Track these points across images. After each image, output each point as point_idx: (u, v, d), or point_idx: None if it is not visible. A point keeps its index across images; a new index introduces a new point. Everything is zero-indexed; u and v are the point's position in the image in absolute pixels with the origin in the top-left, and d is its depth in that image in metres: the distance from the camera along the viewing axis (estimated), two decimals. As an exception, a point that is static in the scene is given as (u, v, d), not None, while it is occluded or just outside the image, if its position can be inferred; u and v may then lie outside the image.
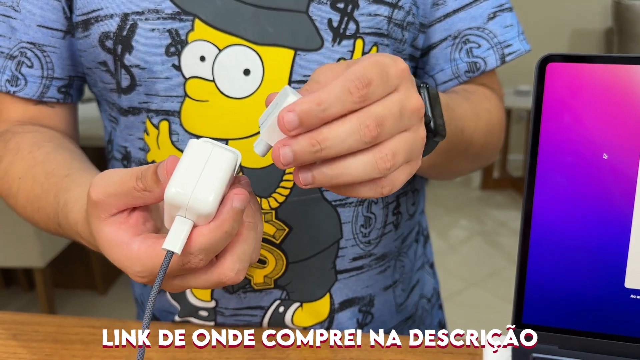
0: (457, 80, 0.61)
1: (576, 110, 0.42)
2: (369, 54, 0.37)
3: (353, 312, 0.61)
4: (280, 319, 0.60)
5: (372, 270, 0.61)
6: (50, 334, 0.58)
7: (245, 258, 0.38)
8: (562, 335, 0.45)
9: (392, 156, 0.34)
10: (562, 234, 0.44)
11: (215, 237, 0.36)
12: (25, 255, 1.77)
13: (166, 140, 0.56)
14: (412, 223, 0.66)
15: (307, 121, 0.33)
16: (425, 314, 0.70)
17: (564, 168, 0.43)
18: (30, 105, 0.60)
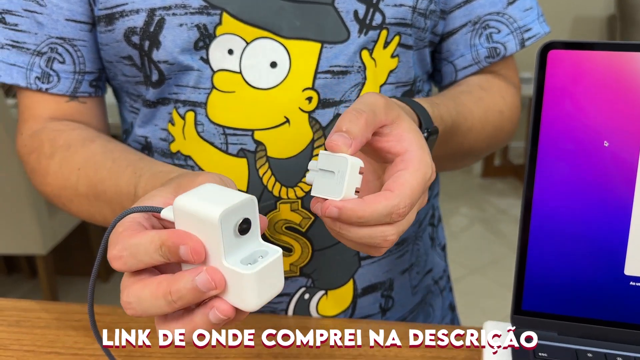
0: (477, 65, 0.62)
1: (577, 97, 0.42)
2: (416, 147, 0.40)
3: (375, 297, 0.62)
4: (305, 306, 0.60)
5: (392, 256, 0.62)
6: (53, 321, 0.59)
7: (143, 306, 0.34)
8: (561, 322, 0.45)
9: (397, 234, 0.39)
10: (562, 221, 0.44)
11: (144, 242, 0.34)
12: (26, 243, 1.77)
13: (192, 131, 0.56)
14: (427, 207, 0.67)
15: (344, 220, 0.38)
16: (432, 296, 0.71)
17: (565, 155, 0.43)
18: (62, 102, 0.60)
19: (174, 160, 0.57)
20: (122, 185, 0.49)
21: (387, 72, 0.57)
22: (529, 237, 0.45)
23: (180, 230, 0.34)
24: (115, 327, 0.57)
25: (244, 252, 0.35)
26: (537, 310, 0.46)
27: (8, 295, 2.23)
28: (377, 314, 0.62)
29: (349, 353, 0.53)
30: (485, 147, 0.62)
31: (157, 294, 0.34)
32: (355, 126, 0.38)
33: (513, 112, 0.63)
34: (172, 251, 0.34)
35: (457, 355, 0.52)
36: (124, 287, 0.35)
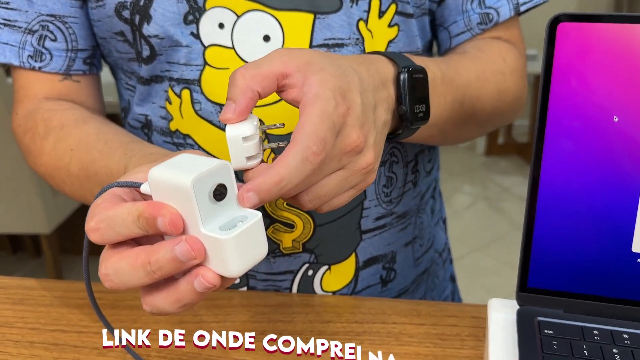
0: (469, 32, 0.60)
1: (587, 71, 0.41)
2: (317, 85, 0.37)
3: (376, 268, 0.61)
4: (309, 283, 0.60)
5: (393, 228, 0.62)
6: (57, 299, 0.59)
7: (121, 278, 0.34)
8: (567, 299, 0.45)
9: (319, 151, 0.36)
10: (569, 197, 0.43)
11: (121, 214, 0.34)
12: (31, 222, 1.78)
13: (189, 109, 0.55)
14: (429, 180, 0.66)
15: (268, 199, 0.35)
16: (437, 267, 0.71)
17: (573, 130, 0.42)
18: (56, 81, 0.59)
19: (173, 139, 0.57)
20: (113, 166, 0.49)
21: (385, 43, 0.55)
22: (535, 213, 0.44)
23: (157, 202, 0.34)
24: (120, 304, 0.58)
25: (222, 219, 0.34)
26: (543, 287, 0.45)
27: (13, 273, 2.25)
28: (377, 284, 0.62)
29: (353, 330, 0.53)
30: (491, 110, 0.59)
31: (135, 265, 0.33)
32: (234, 88, 0.37)
33: (516, 75, 0.60)
34: (149, 223, 0.33)
35: (461, 332, 0.52)
36: (102, 260, 0.35)
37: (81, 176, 0.53)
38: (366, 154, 0.39)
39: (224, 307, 0.57)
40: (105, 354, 0.51)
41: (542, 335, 0.42)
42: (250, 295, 0.59)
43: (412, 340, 0.52)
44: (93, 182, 0.52)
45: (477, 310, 0.55)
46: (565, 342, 0.42)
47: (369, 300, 0.58)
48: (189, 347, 0.52)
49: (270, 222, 0.57)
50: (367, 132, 0.39)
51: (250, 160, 0.37)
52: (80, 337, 0.53)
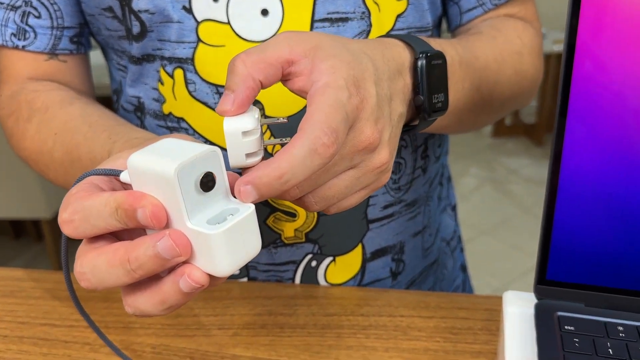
0: (481, 8, 0.56)
1: (614, 42, 0.38)
2: (329, 73, 0.33)
3: (385, 261, 0.58)
4: (313, 274, 0.57)
5: (402, 217, 0.58)
6: (49, 291, 0.56)
7: (98, 276, 0.31)
8: (589, 292, 0.42)
9: (332, 144, 0.32)
10: (592, 185, 0.40)
11: (98, 205, 0.31)
12: (31, 207, 1.76)
13: (182, 90, 0.51)
14: (438, 165, 0.63)
15: (267, 195, 0.31)
16: (445, 257, 0.68)
17: (599, 109, 0.39)
18: (41, 60, 0.56)
19: (167, 123, 0.54)
20: (97, 151, 0.46)
21: (394, 17, 0.51)
22: (555, 201, 0.41)
23: (137, 192, 0.30)
24: (112, 297, 0.55)
25: (211, 212, 0.31)
26: (563, 280, 0.42)
27: (15, 259, 2.24)
28: (387, 278, 0.59)
29: (359, 324, 0.50)
30: (509, 94, 0.55)
31: (113, 262, 0.30)
32: (234, 76, 0.33)
33: (533, 55, 0.57)
34: (128, 215, 0.30)
35: (473, 326, 0.49)
36: (77, 256, 0.32)
37: (65, 161, 0.50)
38: (381, 151, 0.36)
39: (223, 299, 0.54)
40: (97, 350, 0.48)
41: (563, 332, 0.39)
42: (250, 287, 0.56)
43: (420, 334, 0.49)
44: (77, 167, 0.49)
45: (490, 302, 0.52)
46: (588, 339, 0.39)
47: (375, 292, 0.55)
48: (185, 342, 0.49)
49: (271, 210, 0.54)
50: (382, 128, 0.35)
51: (250, 157, 0.33)
52: (72, 331, 0.51)
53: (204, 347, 0.48)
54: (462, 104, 0.49)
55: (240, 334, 0.50)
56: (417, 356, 0.46)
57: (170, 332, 0.50)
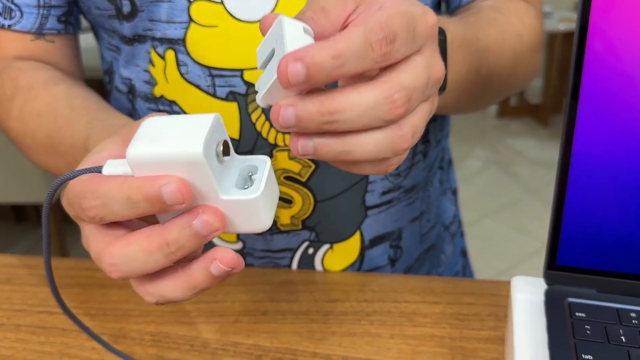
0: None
1: (628, 23, 0.36)
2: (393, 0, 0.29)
3: (384, 248, 0.57)
4: (310, 262, 0.56)
5: (401, 203, 0.57)
6: (45, 278, 0.55)
7: (132, 265, 0.30)
8: (600, 277, 0.41)
9: (412, 135, 0.29)
10: (604, 167, 0.38)
11: (113, 191, 0.29)
12: (32, 191, 1.75)
13: (174, 73, 0.50)
14: (438, 149, 0.61)
15: (317, 77, 0.26)
16: (442, 243, 0.66)
17: (611, 91, 0.37)
18: (27, 40, 0.54)
19: (158, 106, 0.52)
20: (76, 137, 0.44)
21: None
22: (567, 183, 0.39)
23: (151, 176, 0.29)
24: (111, 284, 0.54)
25: (231, 176, 0.30)
26: (574, 265, 0.41)
27: (17, 244, 2.24)
28: (385, 265, 0.58)
29: (363, 310, 0.49)
30: (507, 77, 0.54)
31: (150, 249, 0.29)
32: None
33: (533, 37, 0.55)
34: (150, 198, 0.28)
35: (480, 312, 0.48)
36: (101, 250, 0.30)
37: (47, 145, 0.49)
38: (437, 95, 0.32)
39: (223, 285, 0.53)
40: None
41: (574, 319, 0.38)
42: (250, 273, 0.54)
43: (426, 320, 0.48)
44: (58, 152, 0.47)
45: (497, 287, 0.51)
46: (600, 326, 0.38)
47: (379, 277, 0.53)
48: (185, 330, 0.48)
49: None
50: None
51: (307, 34, 0.29)
52: (69, 319, 0.50)
53: (204, 334, 0.47)
54: (461, 85, 0.47)
55: (241, 320, 0.48)
56: (423, 342, 0.45)
57: (169, 319, 0.49)
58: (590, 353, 0.36)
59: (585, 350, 0.36)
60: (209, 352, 0.45)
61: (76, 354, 0.46)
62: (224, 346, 0.46)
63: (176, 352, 0.45)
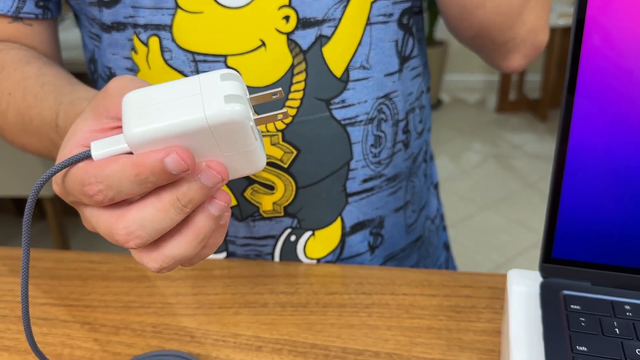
0: None
1: (624, 17, 0.36)
2: None
3: (364, 234, 0.58)
4: (292, 249, 0.56)
5: (382, 192, 0.57)
6: (48, 270, 0.56)
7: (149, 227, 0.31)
8: (595, 270, 0.41)
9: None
10: (600, 160, 0.39)
11: (119, 173, 0.30)
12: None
13: (157, 59, 0.50)
14: (420, 141, 0.62)
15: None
16: (431, 235, 0.67)
17: (608, 85, 0.37)
18: (4, 23, 0.54)
19: None
20: (45, 114, 0.45)
21: None
22: (563, 177, 0.40)
23: (150, 151, 0.30)
24: (111, 276, 0.54)
25: None
26: (569, 258, 0.41)
27: (18, 237, 2.24)
28: (365, 252, 0.59)
29: (361, 302, 0.50)
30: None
31: (164, 207, 0.30)
32: None
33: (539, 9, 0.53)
34: (156, 172, 0.29)
35: (477, 304, 0.49)
36: (113, 223, 0.31)
37: (18, 123, 0.49)
38: None
39: (223, 278, 0.53)
40: (97, 330, 0.48)
41: (569, 311, 0.39)
42: (250, 265, 0.55)
43: (423, 312, 0.48)
44: (29, 130, 0.48)
45: (494, 280, 0.51)
46: (594, 318, 0.38)
47: (377, 270, 0.54)
48: (186, 321, 0.49)
49: (249, 183, 0.53)
50: None
51: None
52: (71, 311, 0.50)
53: (205, 326, 0.48)
54: None
55: (241, 312, 0.49)
56: (420, 334, 0.46)
57: (170, 311, 0.50)
58: (585, 344, 0.36)
59: (579, 341, 0.37)
60: (209, 343, 0.46)
61: (78, 345, 0.47)
62: (224, 337, 0.46)
63: (177, 344, 0.46)
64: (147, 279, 0.54)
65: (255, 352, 0.45)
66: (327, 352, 0.45)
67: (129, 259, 0.56)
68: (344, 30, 0.49)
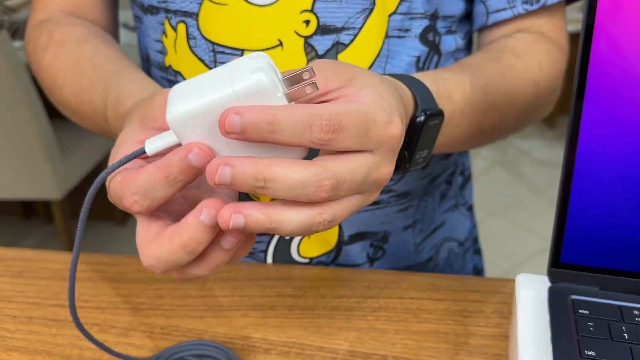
0: (511, 11, 0.53)
1: (633, 24, 0.36)
2: (374, 96, 0.32)
3: (363, 245, 0.57)
4: (286, 247, 0.57)
5: (390, 207, 0.57)
6: (58, 271, 0.56)
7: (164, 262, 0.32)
8: (603, 275, 0.41)
9: (329, 221, 0.31)
10: (609, 165, 0.39)
11: (150, 179, 0.31)
12: (41, 188, 1.76)
13: (183, 45, 0.52)
14: (446, 163, 0.61)
15: (250, 134, 0.29)
16: (454, 257, 0.66)
17: (616, 91, 0.37)
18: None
19: (167, 75, 0.55)
20: (97, 102, 0.48)
21: (398, 0, 0.50)
22: (571, 182, 0.40)
23: (173, 151, 0.31)
24: (121, 278, 0.55)
25: None
26: (577, 263, 0.41)
27: (25, 239, 2.26)
28: (364, 263, 0.58)
29: (369, 306, 0.50)
30: (514, 124, 0.54)
31: (173, 250, 0.32)
32: None
33: (551, 82, 0.54)
34: (183, 169, 0.30)
35: (485, 309, 0.49)
36: (140, 251, 0.33)
37: (72, 103, 0.52)
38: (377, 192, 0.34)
39: (231, 280, 0.54)
40: (105, 331, 0.48)
41: (577, 316, 0.39)
42: (258, 268, 0.55)
43: (431, 317, 0.48)
44: (82, 112, 0.51)
45: (502, 285, 0.51)
46: (603, 323, 0.38)
47: (385, 274, 0.54)
48: (194, 323, 0.49)
49: None
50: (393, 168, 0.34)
51: None
52: (81, 312, 0.51)
53: (213, 328, 0.48)
54: (454, 141, 0.48)
55: (249, 315, 0.49)
56: (428, 338, 0.46)
57: (179, 312, 0.50)
58: (593, 349, 0.36)
59: (588, 346, 0.37)
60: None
61: (87, 346, 0.47)
62: (232, 339, 0.47)
63: (185, 345, 0.46)
64: (156, 281, 0.54)
65: (263, 355, 0.45)
66: (334, 355, 0.45)
67: (138, 261, 0.57)
68: (363, 40, 0.50)
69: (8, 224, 2.36)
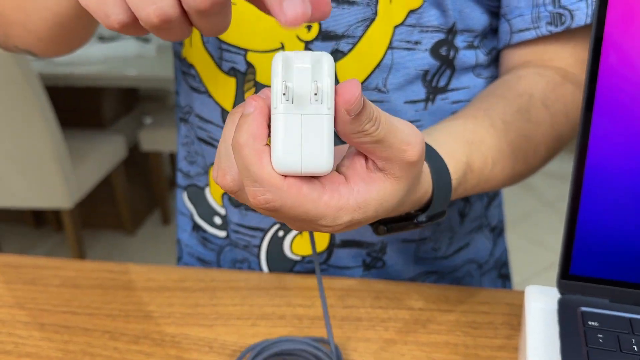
0: (535, 32, 0.52)
1: (644, 35, 0.37)
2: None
3: (358, 252, 0.57)
4: (279, 244, 0.58)
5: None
6: (70, 279, 0.57)
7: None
8: (613, 287, 0.41)
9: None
10: (618, 178, 0.39)
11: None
12: (51, 197, 1.78)
13: (198, 40, 0.55)
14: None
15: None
16: (469, 278, 0.65)
17: (625, 103, 0.38)
18: None
19: (182, 66, 0.58)
20: None
21: (405, 12, 0.50)
22: (580, 193, 0.40)
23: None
24: (132, 286, 0.55)
25: None
26: (587, 275, 0.41)
27: (36, 248, 2.27)
28: (357, 267, 0.58)
29: (377, 316, 0.50)
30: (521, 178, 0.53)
31: None
32: None
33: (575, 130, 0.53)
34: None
35: (494, 320, 0.49)
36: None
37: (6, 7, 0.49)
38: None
39: (241, 289, 0.54)
40: (117, 338, 0.49)
41: (587, 328, 0.39)
42: (268, 278, 0.56)
43: (440, 328, 0.48)
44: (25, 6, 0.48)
45: (511, 297, 0.51)
46: (612, 335, 0.38)
47: (394, 285, 0.54)
48: (205, 332, 0.49)
49: None
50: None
51: None
52: (92, 319, 0.51)
53: (223, 336, 0.48)
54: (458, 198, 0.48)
55: (258, 324, 0.50)
56: (437, 349, 0.46)
57: (189, 321, 0.50)
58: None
59: (597, 358, 0.37)
60: (227, 354, 0.46)
61: (98, 352, 0.47)
62: (242, 348, 0.47)
63: (196, 354, 0.47)
64: (167, 289, 0.54)
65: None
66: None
67: (149, 269, 0.57)
68: (362, 49, 0.50)
69: (19, 232, 2.38)
